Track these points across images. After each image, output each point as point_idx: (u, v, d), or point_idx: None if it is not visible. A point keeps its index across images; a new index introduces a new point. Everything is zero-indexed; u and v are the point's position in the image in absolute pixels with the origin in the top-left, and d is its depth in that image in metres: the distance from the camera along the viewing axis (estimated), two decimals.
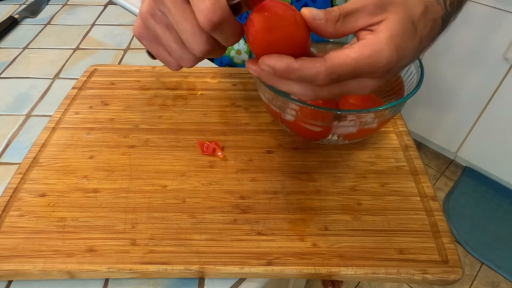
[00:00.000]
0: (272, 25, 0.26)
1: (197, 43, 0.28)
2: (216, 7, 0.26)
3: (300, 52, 0.27)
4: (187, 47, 0.29)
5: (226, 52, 0.71)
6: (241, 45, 0.69)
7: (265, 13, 0.26)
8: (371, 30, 0.28)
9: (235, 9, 0.28)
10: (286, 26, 0.27)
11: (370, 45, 0.26)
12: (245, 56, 0.70)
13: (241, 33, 0.29)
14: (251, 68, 0.29)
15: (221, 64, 0.75)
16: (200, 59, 0.31)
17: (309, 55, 0.29)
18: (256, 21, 0.27)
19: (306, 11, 0.27)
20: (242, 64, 0.71)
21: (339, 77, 0.27)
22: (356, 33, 0.29)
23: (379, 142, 0.50)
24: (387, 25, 0.27)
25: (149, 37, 0.32)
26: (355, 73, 0.27)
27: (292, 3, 0.59)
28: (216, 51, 0.30)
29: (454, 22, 0.34)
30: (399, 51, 0.27)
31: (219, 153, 0.47)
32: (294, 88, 0.28)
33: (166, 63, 0.33)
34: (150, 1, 0.29)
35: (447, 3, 0.31)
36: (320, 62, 0.26)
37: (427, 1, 0.30)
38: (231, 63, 0.72)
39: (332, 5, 0.59)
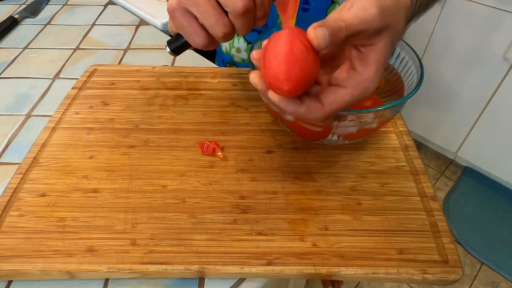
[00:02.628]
0: (294, 62, 0.27)
1: (219, 29, 0.34)
2: None
3: (313, 79, 0.30)
4: (227, 8, 0.33)
5: (227, 50, 0.72)
6: (241, 43, 0.69)
7: (288, 47, 0.27)
8: (360, 52, 0.30)
9: None
10: (305, 60, 0.28)
11: (360, 84, 0.30)
12: (244, 55, 0.70)
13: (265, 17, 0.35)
14: (263, 95, 0.31)
15: (222, 62, 0.75)
16: (231, 33, 0.35)
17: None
18: (278, 56, 0.28)
19: (315, 41, 0.27)
20: (242, 63, 0.71)
21: (333, 115, 0.31)
22: (346, 46, 0.31)
23: (379, 142, 0.50)
24: (376, 56, 0.30)
25: (182, 9, 0.35)
26: (346, 107, 0.31)
27: None
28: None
29: (453, 22, 0.36)
30: (380, 76, 0.31)
31: (219, 153, 0.47)
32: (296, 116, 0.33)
33: (196, 36, 0.36)
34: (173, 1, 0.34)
35: (416, 5, 0.35)
36: (320, 108, 0.30)
37: (406, 8, 0.32)
38: (232, 61, 0.72)
39: (332, 1, 0.58)
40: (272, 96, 0.29)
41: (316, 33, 0.27)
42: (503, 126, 1.39)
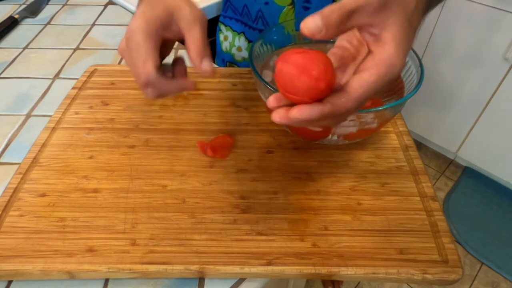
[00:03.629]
0: (319, 77, 0.27)
1: (145, 92, 0.36)
2: (143, 72, 0.34)
3: (331, 86, 0.28)
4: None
5: (228, 49, 0.72)
6: (242, 41, 0.69)
7: (313, 65, 0.27)
8: (374, 35, 0.28)
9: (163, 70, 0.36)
10: (328, 73, 0.27)
11: (383, 62, 0.28)
12: (245, 53, 0.70)
13: (178, 90, 0.37)
14: (277, 118, 0.29)
15: (222, 61, 0.75)
16: (159, 97, 0.37)
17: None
18: (304, 72, 0.27)
19: (305, 29, 0.27)
20: (243, 62, 0.71)
21: (365, 100, 0.29)
22: (360, 33, 0.29)
23: (379, 142, 0.50)
24: (391, 33, 0.28)
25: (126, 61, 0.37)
26: (377, 89, 0.28)
27: None
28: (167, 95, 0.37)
29: (453, 22, 0.35)
30: (405, 54, 0.29)
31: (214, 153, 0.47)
32: (325, 123, 0.30)
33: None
34: (123, 42, 0.35)
35: None
36: (346, 97, 0.28)
37: None
38: (232, 60, 0.72)
39: (333, 0, 0.58)
40: (294, 113, 0.28)
41: (305, 22, 0.26)
42: (503, 126, 1.39)
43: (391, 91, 0.48)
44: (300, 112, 0.27)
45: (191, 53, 0.35)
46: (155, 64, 0.34)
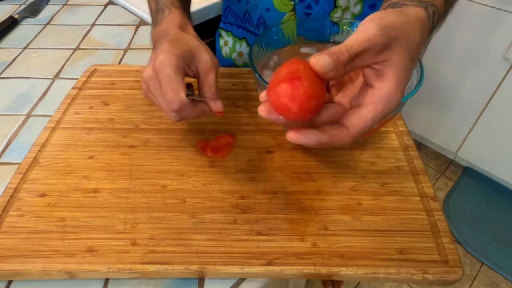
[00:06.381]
0: (309, 96, 0.28)
1: (170, 116, 0.40)
2: (176, 100, 0.37)
3: (323, 102, 0.30)
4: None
5: (228, 55, 0.72)
6: (243, 47, 0.69)
7: (297, 82, 0.28)
8: (375, 69, 0.29)
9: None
10: (317, 90, 0.28)
11: (382, 99, 0.29)
12: (246, 59, 0.70)
13: (199, 115, 0.41)
14: (290, 136, 0.31)
15: (222, 66, 0.75)
16: (181, 120, 0.41)
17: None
18: (291, 93, 0.28)
19: (317, 67, 0.28)
20: (244, 66, 0.71)
21: (362, 135, 0.31)
22: (363, 70, 0.30)
23: (379, 142, 0.50)
24: (393, 70, 0.29)
25: (147, 89, 0.40)
26: (373, 125, 0.30)
27: (295, 4, 0.59)
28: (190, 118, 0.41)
29: (453, 22, 0.36)
30: (403, 91, 0.30)
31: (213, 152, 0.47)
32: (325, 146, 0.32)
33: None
34: (150, 71, 0.38)
35: (435, 18, 0.34)
36: (345, 132, 0.30)
37: (422, 21, 0.32)
38: (233, 66, 0.72)
39: (334, 6, 0.58)
40: (292, 137, 0.30)
41: (317, 59, 0.28)
42: (503, 126, 1.39)
43: None
44: (297, 136, 0.30)
45: (207, 94, 0.41)
46: (185, 93, 0.37)
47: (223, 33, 0.72)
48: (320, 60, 0.27)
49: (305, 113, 0.28)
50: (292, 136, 0.30)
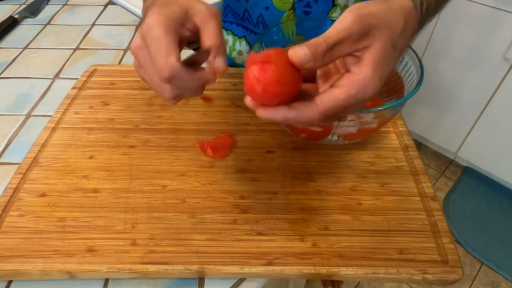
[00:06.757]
0: (275, 80, 0.28)
1: (163, 91, 0.34)
2: (167, 65, 0.31)
3: (296, 91, 0.30)
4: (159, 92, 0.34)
5: (228, 53, 0.72)
6: (243, 46, 0.69)
7: (266, 65, 0.28)
8: (356, 56, 0.29)
9: (190, 64, 0.33)
10: (285, 76, 0.28)
11: (356, 83, 0.29)
12: (246, 57, 0.70)
13: (198, 86, 0.34)
14: (261, 114, 0.30)
15: None
16: (178, 97, 0.35)
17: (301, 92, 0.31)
18: (258, 75, 0.28)
19: (294, 58, 0.28)
20: (243, 65, 0.71)
21: (331, 116, 0.30)
22: (345, 58, 0.30)
23: (379, 142, 0.50)
24: (371, 55, 0.29)
25: (138, 64, 0.35)
26: (345, 108, 0.29)
27: (294, 3, 0.59)
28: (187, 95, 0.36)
29: (453, 22, 0.35)
30: (382, 78, 0.29)
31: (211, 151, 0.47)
32: (293, 123, 0.31)
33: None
34: (138, 39, 0.33)
35: (423, 7, 0.34)
36: (313, 108, 0.29)
37: (406, 10, 0.31)
38: (233, 64, 0.72)
39: (333, 4, 0.58)
40: (260, 113, 0.29)
41: (294, 51, 0.28)
42: (503, 126, 1.39)
43: (391, 91, 0.48)
44: (265, 112, 0.29)
45: (207, 43, 0.34)
46: (178, 57, 0.32)
47: (223, 31, 0.72)
48: (298, 52, 0.27)
49: (269, 96, 0.28)
50: (260, 111, 0.29)
